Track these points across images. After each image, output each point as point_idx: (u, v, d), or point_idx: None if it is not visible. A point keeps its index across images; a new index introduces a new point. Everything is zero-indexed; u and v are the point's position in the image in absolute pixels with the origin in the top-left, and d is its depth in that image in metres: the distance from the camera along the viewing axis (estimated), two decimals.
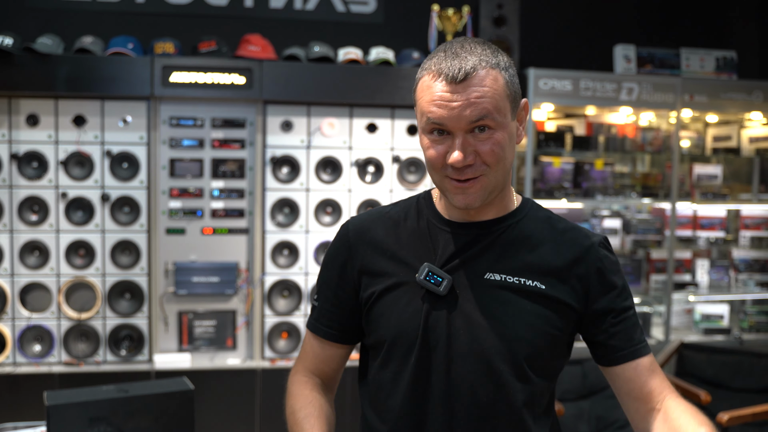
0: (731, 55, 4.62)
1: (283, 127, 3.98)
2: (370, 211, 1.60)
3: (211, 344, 4.00)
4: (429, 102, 1.35)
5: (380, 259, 1.49)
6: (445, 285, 1.41)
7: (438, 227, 1.48)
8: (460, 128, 1.33)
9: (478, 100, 1.32)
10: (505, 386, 1.40)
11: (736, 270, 4.84)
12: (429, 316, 1.42)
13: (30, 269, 3.81)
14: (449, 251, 1.44)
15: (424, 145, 1.40)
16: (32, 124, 3.78)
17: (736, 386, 3.91)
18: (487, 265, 1.43)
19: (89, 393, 2.10)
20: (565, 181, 4.46)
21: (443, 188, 1.41)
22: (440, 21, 4.18)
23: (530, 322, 1.41)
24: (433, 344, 1.42)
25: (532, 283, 1.42)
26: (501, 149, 1.36)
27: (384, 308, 1.47)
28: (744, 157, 4.91)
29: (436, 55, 1.38)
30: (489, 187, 1.39)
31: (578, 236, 1.48)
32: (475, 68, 1.33)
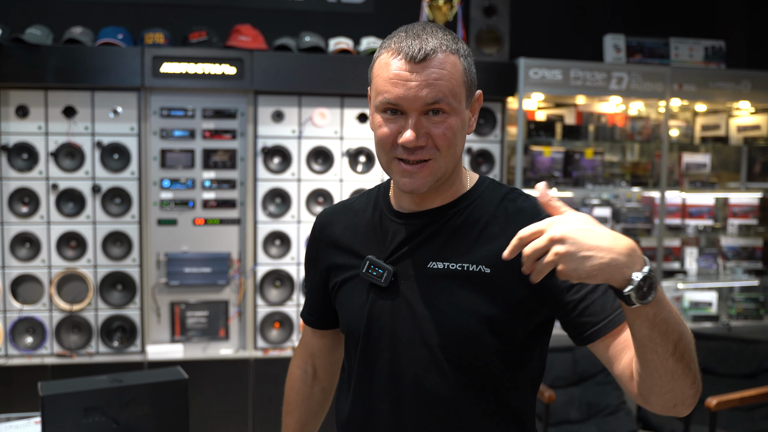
0: (719, 45, 4.65)
1: (274, 118, 3.98)
2: (339, 203, 1.64)
3: (203, 335, 4.01)
4: (386, 80, 1.33)
5: (338, 254, 1.54)
6: (385, 277, 1.42)
7: (388, 218, 1.48)
8: (415, 109, 1.32)
9: (435, 82, 1.30)
10: (448, 375, 1.38)
11: (725, 258, 4.88)
12: (373, 308, 1.44)
13: (21, 261, 3.81)
14: (396, 242, 1.45)
15: (376, 123, 1.37)
16: (22, 115, 3.76)
17: (724, 372, 3.96)
18: (431, 253, 1.41)
19: (83, 383, 2.10)
20: (555, 171, 4.48)
21: (390, 171, 1.40)
22: (431, 11, 4.18)
23: (471, 309, 1.36)
24: (377, 335, 1.44)
25: (476, 268, 1.37)
26: (453, 134, 1.34)
27: (342, 300, 1.53)
28: (732, 145, 4.95)
29: (397, 35, 1.36)
30: (438, 172, 1.37)
31: (533, 210, 1.38)
32: (435, 50, 1.31)
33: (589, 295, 1.33)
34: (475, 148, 4.19)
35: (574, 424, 3.64)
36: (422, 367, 1.40)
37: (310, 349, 1.73)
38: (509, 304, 1.36)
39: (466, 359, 1.39)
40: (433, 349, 1.39)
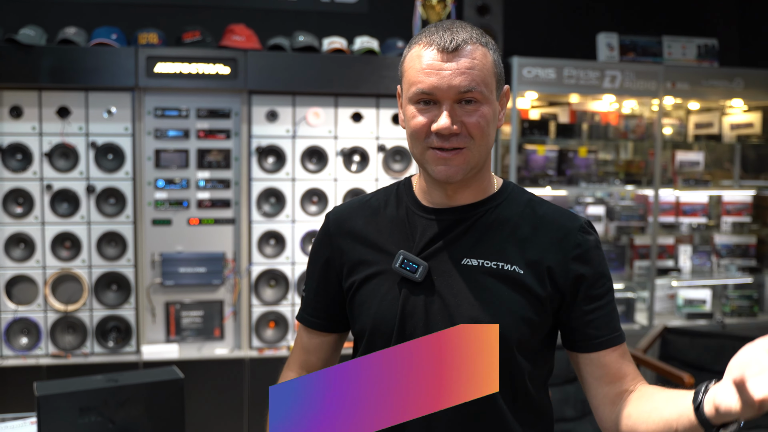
0: (712, 43, 4.66)
1: (269, 117, 3.98)
2: (351, 200, 1.60)
3: (198, 334, 4.01)
4: (419, 71, 1.35)
5: (360, 249, 1.50)
6: (420, 271, 1.41)
7: (416, 214, 1.47)
8: (449, 97, 1.34)
9: (468, 71, 1.33)
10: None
11: (718, 255, 4.89)
12: (406, 304, 1.42)
13: (16, 262, 3.80)
14: (427, 237, 1.44)
15: (409, 114, 1.38)
16: (16, 116, 3.76)
17: (718, 369, 3.97)
18: (465, 249, 1.42)
19: (79, 383, 2.10)
20: (549, 169, 4.49)
21: (424, 160, 1.40)
22: (424, 10, 4.18)
23: (507, 307, 1.39)
24: (411, 331, 1.41)
25: (511, 267, 1.40)
26: (486, 123, 1.36)
27: (365, 297, 1.47)
28: (725, 143, 4.97)
29: (427, 30, 1.39)
30: (471, 161, 1.38)
31: (559, 220, 1.45)
32: (466, 41, 1.35)
33: (598, 310, 1.42)
34: None
35: (569, 422, 3.65)
36: None
37: (308, 356, 1.63)
38: (539, 304, 1.40)
39: (503, 356, 1.38)
40: None
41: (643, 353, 3.87)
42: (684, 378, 3.45)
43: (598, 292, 1.43)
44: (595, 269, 1.43)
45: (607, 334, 1.42)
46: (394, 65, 3.99)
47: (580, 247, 1.43)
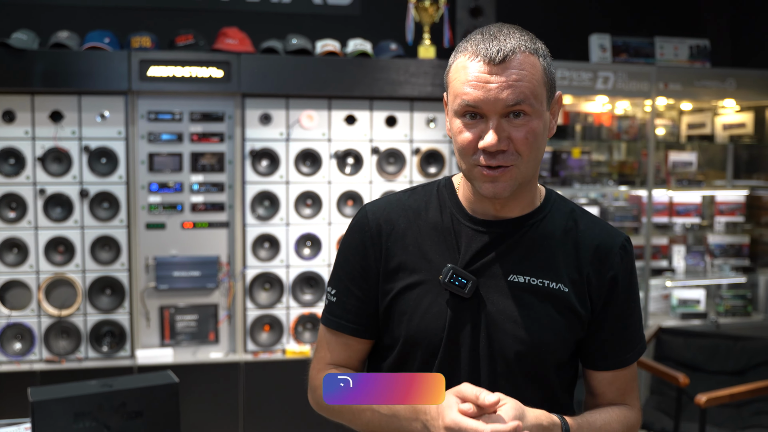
0: (704, 44, 4.68)
1: (262, 120, 3.97)
2: (387, 197, 1.52)
3: (193, 338, 4.00)
4: (464, 83, 1.30)
5: (402, 253, 1.43)
6: (469, 288, 1.36)
7: (462, 223, 1.42)
8: (496, 111, 1.28)
9: (516, 83, 1.27)
10: (521, 387, 1.38)
11: (712, 255, 4.91)
12: (454, 319, 1.38)
13: (9, 267, 3.79)
14: (473, 250, 1.39)
15: (456, 129, 1.33)
16: (8, 120, 3.75)
17: (713, 369, 3.98)
18: (512, 265, 1.39)
19: (74, 388, 2.10)
20: (543, 170, 4.50)
21: (472, 177, 1.35)
22: (417, 12, 4.19)
23: (553, 327, 1.38)
24: (458, 347, 1.39)
25: (556, 286, 1.38)
26: (535, 138, 1.31)
27: (405, 306, 1.41)
28: (718, 144, 4.98)
29: (473, 37, 1.33)
30: (519, 177, 1.33)
31: (600, 236, 1.44)
32: (514, 51, 1.29)
33: (613, 332, 1.44)
34: None
35: None
36: (498, 379, 1.38)
37: (340, 363, 1.51)
38: (579, 323, 1.41)
39: (541, 373, 1.41)
40: (511, 362, 1.38)
41: None
42: (679, 378, 3.46)
43: (629, 311, 1.45)
44: (631, 289, 1.45)
45: (623, 354, 1.45)
46: (387, 68, 3.99)
47: (621, 266, 1.43)
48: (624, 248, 1.44)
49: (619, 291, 1.42)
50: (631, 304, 1.45)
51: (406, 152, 4.13)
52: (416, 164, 4.14)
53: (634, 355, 1.47)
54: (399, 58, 4.06)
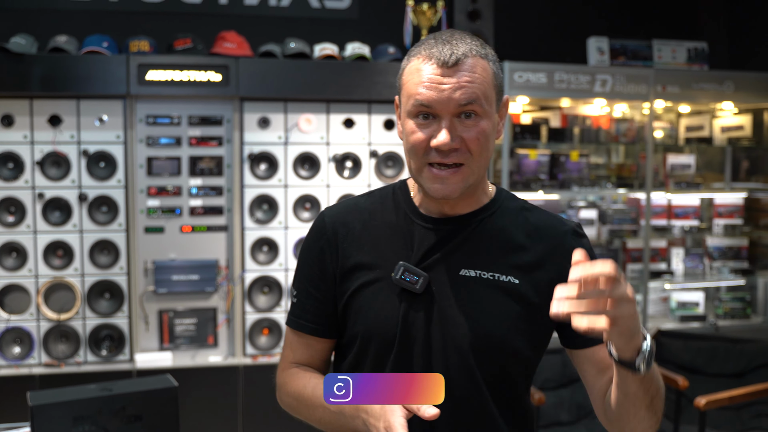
0: (702, 46, 4.69)
1: (261, 124, 3.98)
2: (345, 201, 1.57)
3: (192, 342, 3.99)
4: (418, 84, 1.35)
5: (357, 253, 1.47)
6: (421, 283, 1.41)
7: (415, 222, 1.47)
8: (448, 111, 1.34)
9: (468, 85, 1.33)
10: (478, 381, 1.41)
11: (711, 258, 4.91)
12: (407, 314, 1.42)
13: (7, 271, 3.78)
14: (425, 247, 1.44)
15: (408, 129, 1.38)
16: (7, 124, 3.75)
17: (712, 371, 3.98)
18: (463, 260, 1.43)
19: (73, 392, 2.09)
20: (542, 173, 4.50)
21: (421, 178, 1.40)
22: (415, 16, 4.19)
23: (505, 318, 1.41)
24: (412, 341, 1.42)
25: (506, 278, 1.42)
26: (486, 138, 1.36)
27: (361, 304, 1.46)
28: (716, 146, 4.99)
29: (426, 42, 1.38)
30: (469, 178, 1.38)
31: (551, 226, 1.48)
32: (466, 54, 1.34)
33: None
34: None
35: (564, 426, 3.65)
36: (454, 373, 1.41)
37: (303, 360, 1.57)
38: (535, 313, 1.43)
39: (497, 366, 1.43)
40: (466, 355, 1.41)
41: None
42: (678, 381, 3.46)
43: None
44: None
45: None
46: (385, 71, 3.99)
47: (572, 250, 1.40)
48: (575, 232, 1.48)
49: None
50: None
51: (404, 155, 4.13)
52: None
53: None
54: (397, 62, 4.07)
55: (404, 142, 1.41)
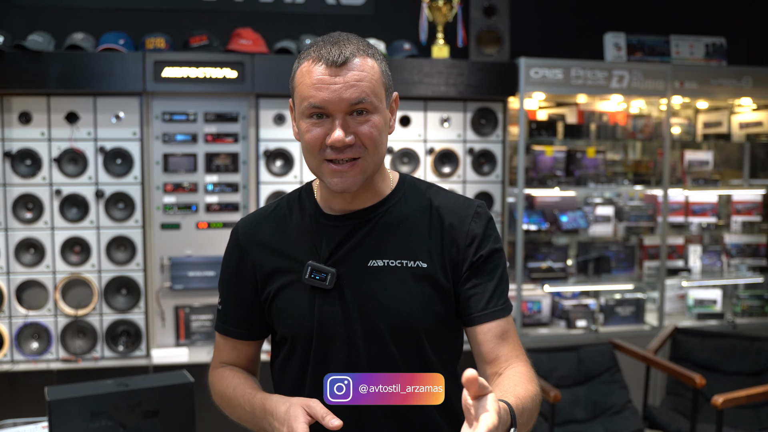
0: (720, 42, 4.64)
1: (276, 121, 3.98)
2: (257, 211, 1.64)
3: (208, 338, 4.01)
4: (309, 86, 1.39)
5: (271, 259, 1.53)
6: (330, 279, 1.46)
7: (320, 221, 1.52)
8: (341, 110, 1.38)
9: (357, 83, 1.38)
10: (400, 365, 1.46)
11: (729, 255, 4.87)
12: (321, 311, 1.47)
13: (26, 267, 3.82)
14: (333, 244, 1.49)
15: (303, 129, 1.43)
16: (25, 121, 3.77)
17: (729, 370, 3.95)
18: (369, 252, 1.48)
19: (90, 387, 2.11)
20: (558, 170, 4.48)
21: (320, 173, 1.45)
22: (430, 12, 4.18)
23: (418, 302, 1.46)
24: (329, 336, 1.47)
25: (414, 263, 1.47)
26: (378, 132, 1.42)
27: (281, 306, 1.52)
28: (734, 142, 4.94)
29: (314, 44, 1.43)
30: (367, 170, 1.43)
31: (453, 209, 1.52)
32: (354, 54, 1.39)
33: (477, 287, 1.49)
34: (477, 148, 4.19)
35: (580, 423, 3.64)
36: (376, 360, 1.46)
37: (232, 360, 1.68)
38: (443, 293, 1.49)
39: (415, 348, 1.47)
40: (386, 342, 1.46)
41: (654, 354, 3.85)
42: (695, 379, 3.43)
43: (484, 268, 1.50)
44: (484, 249, 1.50)
45: (481, 310, 1.48)
46: (400, 67, 3.99)
47: (472, 234, 1.50)
48: (477, 213, 1.52)
49: (477, 243, 1.49)
50: (494, 262, 1.51)
51: (420, 152, 4.13)
52: (430, 164, 4.13)
53: (507, 308, 1.51)
54: (412, 58, 4.06)
55: (301, 141, 1.45)
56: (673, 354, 4.09)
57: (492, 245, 1.51)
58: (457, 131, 4.18)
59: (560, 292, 4.56)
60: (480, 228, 1.51)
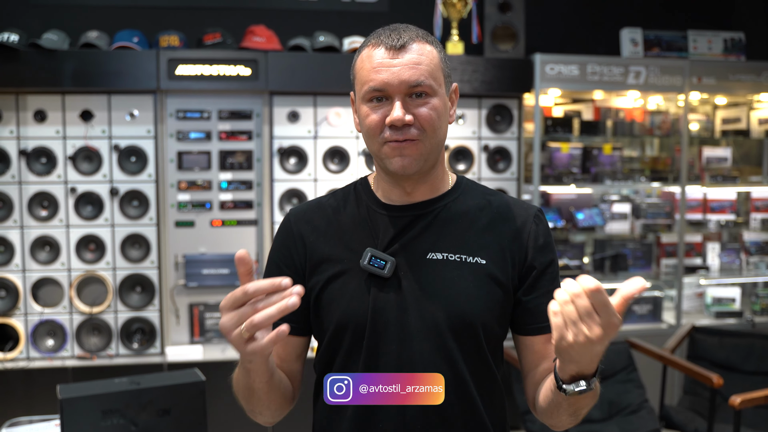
0: (739, 37, 4.58)
1: (290, 118, 3.97)
2: (308, 201, 1.62)
3: (222, 336, 4.01)
4: (369, 70, 1.41)
5: (323, 246, 1.51)
6: (389, 267, 1.44)
7: (377, 212, 1.51)
8: (400, 91, 1.39)
9: (416, 66, 1.39)
10: (456, 361, 1.43)
11: (747, 253, 4.81)
12: (377, 300, 1.44)
13: (41, 264, 3.83)
14: (390, 234, 1.47)
15: (363, 114, 1.43)
16: (40, 119, 3.79)
17: (748, 369, 3.90)
18: (428, 245, 1.47)
19: (102, 386, 2.11)
20: (574, 167, 4.44)
21: (381, 155, 1.44)
22: (445, 8, 4.16)
23: (474, 296, 1.44)
24: (382, 327, 1.44)
25: (473, 259, 1.46)
26: (437, 115, 1.42)
27: (332, 295, 1.48)
28: (753, 139, 4.88)
29: (374, 34, 1.45)
30: (425, 152, 1.43)
31: (514, 210, 1.53)
32: (412, 38, 1.42)
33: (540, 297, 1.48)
34: (492, 145, 4.16)
35: (596, 423, 3.60)
36: (431, 355, 1.43)
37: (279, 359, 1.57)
38: (501, 292, 1.47)
39: (473, 344, 1.45)
40: (442, 336, 1.43)
41: (671, 353, 3.81)
42: (713, 379, 3.39)
43: (543, 281, 1.50)
44: (546, 258, 1.51)
45: (542, 321, 1.46)
46: None
47: (536, 235, 1.51)
48: (537, 217, 1.53)
49: (540, 253, 1.50)
50: (554, 267, 1.52)
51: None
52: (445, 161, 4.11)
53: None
54: None
55: (362, 127, 1.45)
56: (691, 353, 4.05)
57: (552, 254, 1.52)
58: (471, 128, 4.15)
59: None
60: (542, 235, 1.51)
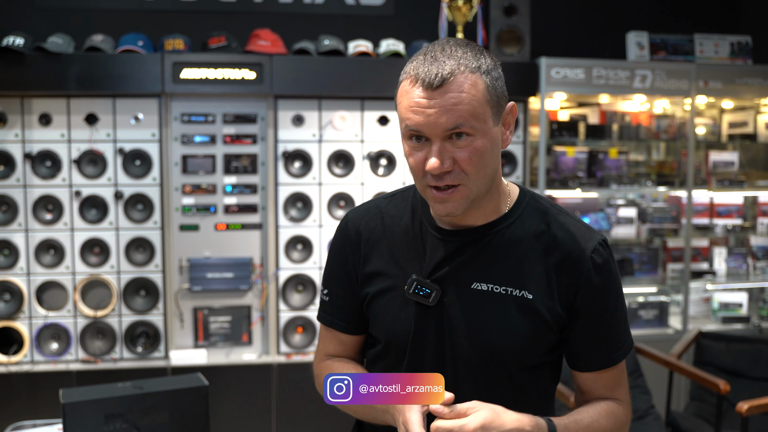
0: (746, 40, 4.56)
1: (295, 122, 3.97)
2: (368, 203, 1.59)
3: (226, 340, 4.00)
4: (406, 108, 1.33)
5: (377, 259, 1.51)
6: (433, 297, 1.42)
7: (429, 231, 1.47)
8: (437, 135, 1.31)
9: (454, 108, 1.29)
10: (488, 395, 1.39)
11: (755, 257, 4.79)
12: (418, 326, 1.44)
13: (46, 268, 3.83)
14: (437, 258, 1.44)
15: (406, 151, 1.38)
16: (45, 123, 3.79)
17: (755, 375, 3.87)
18: (475, 274, 1.43)
19: (104, 390, 2.11)
20: (579, 171, 4.42)
21: (425, 197, 1.40)
22: (450, 11, 4.15)
23: (516, 331, 1.41)
24: (421, 351, 1.45)
25: (519, 293, 1.41)
26: (479, 157, 1.33)
27: (379, 310, 1.50)
28: (761, 143, 4.86)
29: (416, 58, 1.35)
30: (470, 195, 1.36)
31: (573, 240, 1.44)
32: (452, 73, 1.29)
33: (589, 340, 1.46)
34: None
35: None
36: (462, 384, 1.42)
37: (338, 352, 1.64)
38: (548, 327, 1.42)
39: (506, 377, 1.44)
40: (473, 367, 1.42)
41: (677, 359, 3.79)
42: (720, 385, 3.36)
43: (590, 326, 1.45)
44: (596, 301, 1.44)
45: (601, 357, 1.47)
46: None
47: (593, 268, 1.43)
48: (597, 251, 1.43)
49: (593, 295, 1.43)
50: (611, 305, 1.46)
51: None
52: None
53: (620, 356, 1.49)
54: None
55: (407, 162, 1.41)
56: (697, 359, 4.02)
57: (605, 297, 1.44)
58: None
59: None
60: (598, 273, 1.42)
